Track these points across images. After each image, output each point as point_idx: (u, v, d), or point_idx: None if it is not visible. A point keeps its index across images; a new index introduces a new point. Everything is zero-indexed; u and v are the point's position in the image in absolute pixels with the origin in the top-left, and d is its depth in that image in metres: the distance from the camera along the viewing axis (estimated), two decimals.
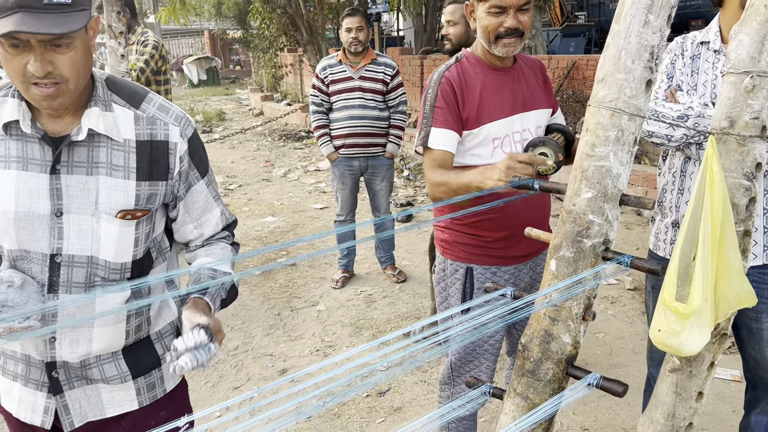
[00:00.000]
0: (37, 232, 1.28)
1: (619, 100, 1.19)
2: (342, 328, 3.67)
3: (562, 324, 1.24)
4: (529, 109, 1.96)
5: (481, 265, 2.03)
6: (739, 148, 1.46)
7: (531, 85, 2.01)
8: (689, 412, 1.60)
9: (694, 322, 1.37)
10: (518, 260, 2.04)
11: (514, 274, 2.05)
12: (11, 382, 1.40)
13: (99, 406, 1.42)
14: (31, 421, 1.39)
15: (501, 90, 1.94)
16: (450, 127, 1.89)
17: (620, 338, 3.42)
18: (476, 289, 2.04)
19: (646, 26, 1.18)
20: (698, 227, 1.35)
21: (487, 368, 2.10)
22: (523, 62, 2.04)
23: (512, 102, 1.94)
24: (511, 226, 1.95)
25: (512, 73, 1.98)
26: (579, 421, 2.71)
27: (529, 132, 1.96)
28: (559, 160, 1.81)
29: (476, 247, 2.02)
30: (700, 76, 1.99)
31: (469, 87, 1.92)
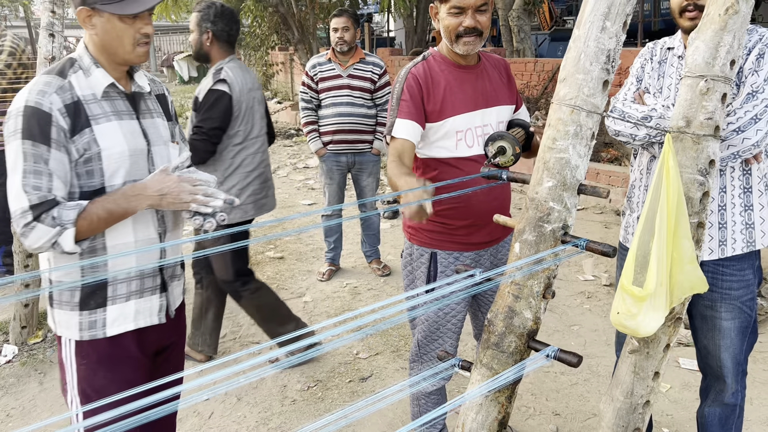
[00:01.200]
0: (140, 163, 1.72)
1: (578, 98, 1.32)
2: (327, 318, 3.79)
3: (524, 301, 1.36)
4: (491, 105, 2.10)
5: (445, 250, 2.17)
6: (695, 146, 1.59)
7: (494, 83, 2.15)
8: (646, 390, 1.72)
9: (650, 305, 1.50)
10: (479, 246, 2.18)
11: (474, 259, 2.19)
12: (124, 303, 1.72)
13: (176, 298, 1.87)
14: (150, 323, 1.78)
15: (464, 86, 2.08)
16: (412, 119, 2.03)
17: (594, 331, 3.56)
18: (439, 272, 2.18)
19: (603, 32, 1.30)
20: (655, 218, 1.48)
21: (450, 346, 2.23)
22: (487, 61, 2.17)
23: (474, 98, 2.08)
24: (474, 215, 2.11)
25: (476, 71, 2.12)
26: (551, 406, 2.84)
27: (491, 126, 2.10)
28: (516, 152, 1.96)
29: (441, 234, 2.16)
30: (665, 79, 2.12)
31: (434, 83, 2.07)
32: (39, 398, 3.00)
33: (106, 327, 1.69)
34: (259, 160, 3.04)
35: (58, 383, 3.09)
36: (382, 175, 7.56)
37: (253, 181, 3.00)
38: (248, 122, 2.96)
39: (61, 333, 1.71)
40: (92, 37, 1.67)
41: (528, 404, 2.86)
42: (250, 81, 2.98)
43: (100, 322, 1.69)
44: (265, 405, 2.88)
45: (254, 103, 2.98)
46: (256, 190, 3.03)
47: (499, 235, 2.20)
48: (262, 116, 3.08)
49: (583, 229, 5.49)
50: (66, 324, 1.69)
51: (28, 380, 3.14)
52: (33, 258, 3.35)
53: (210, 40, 2.92)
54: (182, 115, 12.27)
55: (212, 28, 2.89)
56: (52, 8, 3.22)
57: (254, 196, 3.02)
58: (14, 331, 3.42)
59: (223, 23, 2.89)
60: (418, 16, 13.07)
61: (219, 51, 2.95)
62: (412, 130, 2.03)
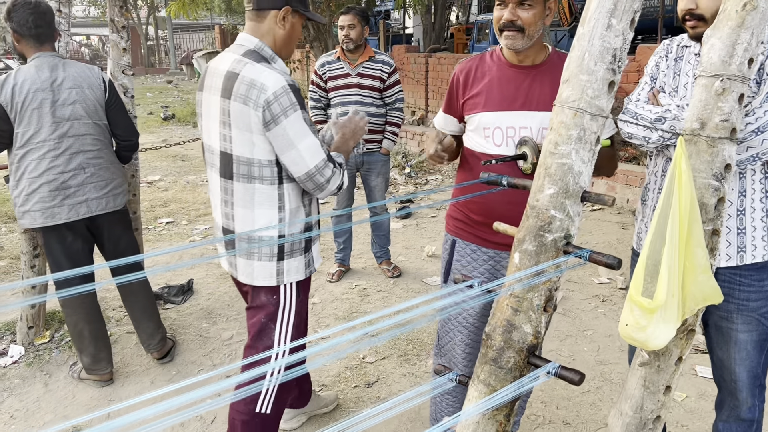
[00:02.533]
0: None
1: (581, 101, 1.24)
2: (335, 320, 3.73)
3: (523, 314, 1.29)
4: (536, 109, 1.98)
5: (464, 240, 2.18)
6: (709, 150, 1.50)
7: (554, 88, 2.00)
8: (657, 405, 1.64)
9: (660, 317, 1.42)
10: (498, 247, 2.11)
11: (494, 257, 2.12)
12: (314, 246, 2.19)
13: None
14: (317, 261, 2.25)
15: (505, 85, 2.02)
16: (448, 112, 2.21)
17: (608, 336, 3.47)
18: (455, 260, 2.20)
19: (609, 30, 1.22)
20: (666, 225, 1.40)
21: (460, 341, 2.19)
22: (560, 63, 1.97)
23: (513, 98, 1.99)
24: (487, 214, 2.06)
25: (531, 72, 2.01)
26: (561, 415, 2.76)
27: (530, 130, 1.99)
28: (534, 162, 1.89)
29: (462, 223, 2.18)
30: (681, 78, 2.03)
31: (477, 76, 2.08)
32: (43, 400, 2.98)
33: (314, 264, 2.20)
34: (47, 166, 2.76)
35: (63, 384, 3.08)
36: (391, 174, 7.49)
37: (39, 187, 2.76)
38: (30, 124, 2.72)
39: (287, 280, 2.11)
40: (278, 32, 2.05)
41: (537, 413, 2.78)
42: (42, 81, 2.72)
43: (312, 261, 2.19)
44: None
45: (42, 104, 2.72)
46: (44, 197, 2.77)
47: None
48: (64, 119, 2.77)
49: (599, 230, 5.38)
50: (295, 269, 2.12)
51: (33, 381, 3.12)
52: (40, 258, 3.33)
53: (16, 39, 2.79)
54: None
55: (12, 26, 2.76)
56: (59, 7, 3.20)
57: (42, 203, 2.77)
58: (21, 331, 3.42)
59: (18, 19, 2.73)
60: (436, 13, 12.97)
61: (28, 48, 2.80)
62: (445, 122, 2.23)
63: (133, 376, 3.19)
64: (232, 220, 2.09)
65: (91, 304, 3.00)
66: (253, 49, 2.02)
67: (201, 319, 3.80)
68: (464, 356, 2.21)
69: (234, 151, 2.01)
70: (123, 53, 3.39)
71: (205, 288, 4.27)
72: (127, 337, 3.55)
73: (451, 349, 2.23)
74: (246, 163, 2.00)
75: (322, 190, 2.02)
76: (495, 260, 2.12)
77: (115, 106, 2.92)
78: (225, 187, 2.08)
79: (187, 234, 5.50)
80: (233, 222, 2.09)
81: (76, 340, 3.02)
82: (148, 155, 8.90)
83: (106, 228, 2.96)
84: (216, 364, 3.28)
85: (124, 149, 3.01)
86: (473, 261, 2.15)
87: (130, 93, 3.43)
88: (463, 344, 2.20)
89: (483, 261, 2.13)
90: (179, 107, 14.53)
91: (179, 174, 8.06)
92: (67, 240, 2.85)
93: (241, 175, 2.02)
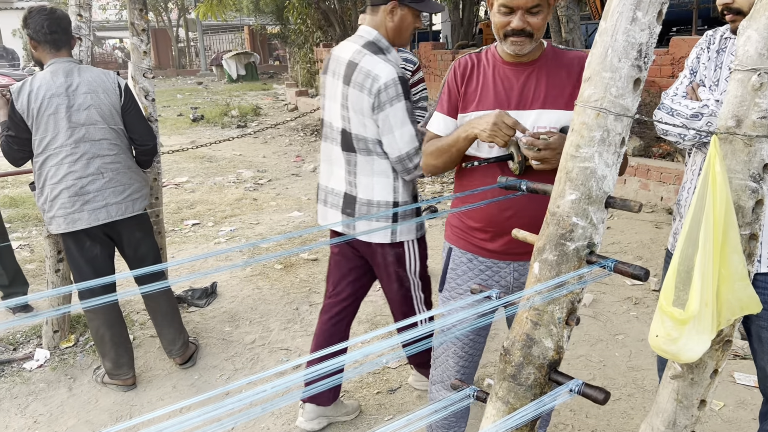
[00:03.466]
0: None
1: (604, 100, 1.16)
2: (358, 324, 3.68)
3: (544, 328, 1.21)
4: (531, 107, 1.89)
5: (460, 248, 2.07)
6: (746, 149, 1.40)
7: (550, 84, 1.91)
8: (691, 420, 1.55)
9: (693, 328, 1.33)
10: (496, 256, 2.00)
11: (491, 267, 2.01)
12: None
13: None
14: None
15: (500, 83, 1.91)
16: (446, 113, 2.01)
17: (641, 340, 3.35)
18: (450, 269, 2.10)
19: (634, 23, 1.14)
20: (699, 229, 1.31)
21: (454, 353, 2.12)
22: (556, 59, 1.94)
23: (507, 97, 1.90)
24: (485, 221, 1.95)
25: (526, 69, 1.92)
26: (591, 424, 2.66)
27: None
28: (520, 161, 1.82)
29: (459, 230, 2.07)
30: (722, 71, 1.92)
31: (473, 74, 1.96)
32: (67, 404, 2.99)
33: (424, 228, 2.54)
34: (66, 171, 2.77)
35: (86, 388, 3.08)
36: None
37: (60, 193, 2.79)
38: (47, 130, 2.74)
39: (403, 239, 2.42)
40: (388, 24, 2.30)
41: (566, 421, 2.69)
42: (57, 86, 2.73)
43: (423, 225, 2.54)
44: (289, 416, 2.79)
45: (58, 110, 2.72)
46: (65, 203, 2.79)
47: (524, 250, 1.98)
48: (80, 124, 2.77)
49: (631, 230, 5.23)
50: (407, 231, 2.41)
51: (58, 385, 3.14)
52: (64, 263, 3.35)
53: (33, 45, 2.80)
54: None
55: (28, 32, 2.75)
56: (79, 12, 3.20)
57: (63, 209, 2.79)
58: (47, 335, 3.44)
59: (33, 25, 2.73)
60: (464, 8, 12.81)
61: (44, 54, 2.80)
62: (444, 124, 2.01)
63: (155, 380, 3.18)
64: (355, 187, 2.38)
65: (112, 310, 2.99)
66: (371, 40, 2.30)
67: (224, 323, 3.78)
68: (457, 369, 2.14)
69: (352, 130, 2.32)
70: (143, 56, 3.38)
71: (229, 291, 4.25)
72: (150, 340, 3.54)
73: (444, 361, 2.16)
74: (363, 140, 2.30)
75: (408, 173, 2.30)
76: (492, 270, 2.01)
77: (131, 110, 2.90)
78: (348, 159, 2.38)
79: (212, 236, 5.51)
80: (356, 189, 2.38)
81: (99, 345, 3.02)
82: (176, 156, 8.97)
83: (126, 233, 2.95)
84: (238, 369, 3.25)
85: (141, 154, 2.99)
86: (469, 270, 2.04)
87: (151, 96, 3.42)
88: (456, 357, 2.12)
89: (479, 271, 2.02)
90: (208, 108, 14.66)
91: (206, 175, 8.10)
92: (85, 245, 2.85)
93: (360, 149, 2.32)
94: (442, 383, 2.18)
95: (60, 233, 2.85)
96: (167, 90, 20.79)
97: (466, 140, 1.88)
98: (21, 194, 7.01)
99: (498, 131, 1.78)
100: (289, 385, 1.00)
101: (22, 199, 6.78)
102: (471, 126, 1.85)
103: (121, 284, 4.02)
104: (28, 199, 6.72)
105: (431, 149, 2.00)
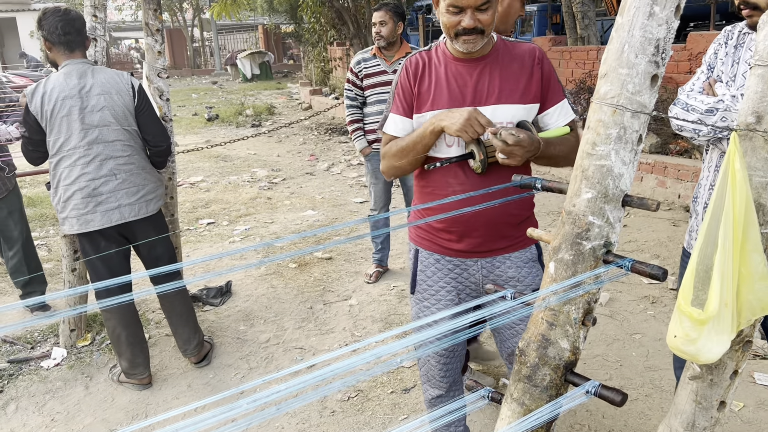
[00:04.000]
0: None
1: (621, 97, 1.14)
2: (372, 323, 3.67)
3: (560, 329, 1.19)
4: (487, 103, 1.86)
5: (426, 249, 2.04)
6: (766, 145, 1.37)
7: (503, 79, 1.89)
8: (710, 421, 1.52)
9: (712, 329, 1.31)
10: (463, 255, 1.97)
11: (459, 266, 1.99)
12: None
13: None
14: None
15: (453, 80, 1.88)
16: (402, 114, 1.95)
17: (658, 340, 3.30)
18: (419, 271, 2.06)
19: (651, 18, 1.12)
20: (719, 228, 1.28)
21: (434, 353, 2.09)
22: (507, 52, 1.91)
23: (462, 94, 1.86)
24: (449, 220, 1.91)
25: (479, 65, 1.89)
26: (608, 425, 2.63)
27: None
28: (482, 159, 1.80)
29: (423, 231, 2.04)
30: (740, 66, 1.89)
31: (424, 73, 1.92)
32: (84, 402, 3.01)
33: None
34: (79, 173, 2.79)
35: (103, 387, 3.10)
36: None
37: (73, 195, 2.80)
38: (60, 132, 2.75)
39: None
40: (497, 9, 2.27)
41: (582, 421, 2.66)
42: (70, 88, 2.74)
43: None
44: (303, 416, 2.79)
45: (71, 111, 2.73)
46: (78, 205, 2.81)
47: (489, 248, 1.96)
48: (93, 126, 2.78)
49: (648, 227, 5.17)
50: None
51: (75, 384, 3.16)
52: (80, 263, 3.37)
53: (48, 47, 2.80)
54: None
55: (43, 34, 2.77)
56: (94, 12, 3.22)
57: (76, 210, 2.81)
58: (63, 334, 3.47)
59: (48, 27, 2.74)
60: None
61: (59, 55, 2.81)
62: (401, 125, 1.95)
63: (171, 379, 3.19)
64: None
65: (128, 310, 3.01)
66: None
67: (238, 322, 3.79)
68: (440, 368, 2.12)
69: None
70: (158, 56, 3.39)
71: (243, 290, 4.26)
72: (165, 339, 3.56)
73: (426, 361, 2.13)
74: None
75: None
76: (461, 268, 1.99)
77: (144, 111, 2.91)
78: None
79: (227, 235, 5.53)
80: None
81: (114, 344, 3.04)
82: (191, 156, 9.02)
83: (140, 234, 2.97)
84: (253, 367, 3.26)
85: (155, 155, 3.00)
86: (438, 271, 2.02)
87: (165, 96, 3.44)
88: (437, 356, 2.10)
89: (448, 270, 2.00)
90: (223, 108, 14.72)
91: (221, 174, 8.14)
92: (100, 246, 2.87)
93: None
94: (429, 383, 2.17)
95: (75, 234, 2.87)
96: (182, 90, 20.91)
97: (433, 134, 1.83)
98: (38, 194, 7.08)
99: (469, 128, 1.75)
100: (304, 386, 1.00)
101: (39, 199, 6.85)
102: (438, 119, 1.81)
103: (136, 284, 4.05)
104: (45, 199, 6.79)
105: (393, 150, 1.94)
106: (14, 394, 3.08)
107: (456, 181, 1.90)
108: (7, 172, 3.77)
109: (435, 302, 2.04)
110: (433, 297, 2.05)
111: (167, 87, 3.48)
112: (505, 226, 1.95)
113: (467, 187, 1.87)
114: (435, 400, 2.19)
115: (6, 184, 3.77)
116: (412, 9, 15.31)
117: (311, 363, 1.19)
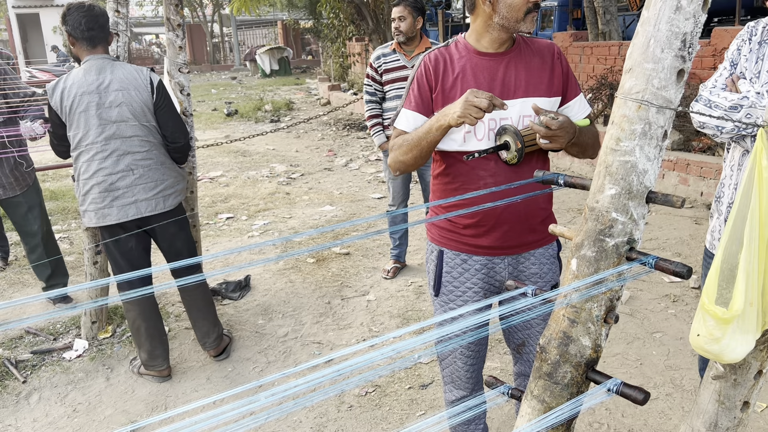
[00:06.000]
0: None
1: (646, 92, 1.12)
2: (390, 318, 3.67)
3: (581, 326, 1.18)
4: (514, 96, 1.85)
5: (452, 249, 2.00)
6: None
7: (528, 72, 1.89)
8: (733, 422, 1.51)
9: (737, 328, 1.29)
10: (490, 251, 1.95)
11: (486, 265, 1.97)
12: None
13: None
14: None
15: (479, 74, 1.87)
16: (417, 110, 1.92)
17: (679, 339, 3.27)
18: (444, 272, 2.02)
19: (678, 12, 1.10)
20: (744, 226, 1.26)
21: (460, 354, 2.08)
22: (527, 47, 1.92)
23: (489, 87, 1.85)
24: (479, 214, 1.88)
25: (503, 59, 1.88)
26: (628, 424, 2.61)
27: (511, 120, 1.86)
28: (519, 148, 1.78)
29: (448, 231, 2.00)
30: (764, 62, 1.85)
31: (447, 69, 1.90)
32: (105, 394, 3.05)
33: None
34: (96, 168, 2.82)
35: (123, 379, 3.14)
36: None
37: (91, 189, 2.85)
38: (79, 127, 2.79)
39: None
40: None
41: (601, 420, 2.64)
42: (88, 84, 2.77)
43: None
44: (321, 410, 2.80)
45: (89, 107, 2.76)
46: (95, 199, 2.85)
47: (518, 242, 1.95)
48: (111, 121, 2.80)
49: (670, 225, 5.11)
50: None
51: (96, 375, 3.20)
52: (101, 255, 3.41)
53: (71, 42, 2.83)
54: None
55: (67, 29, 2.78)
56: (116, 8, 3.25)
57: (94, 204, 2.86)
58: (85, 326, 3.51)
59: (72, 22, 2.76)
60: None
61: (81, 50, 2.83)
62: (414, 121, 1.91)
63: (190, 371, 3.22)
64: None
65: (147, 302, 3.04)
66: None
67: (257, 315, 3.81)
68: (466, 369, 2.09)
69: None
70: (179, 51, 3.42)
71: (262, 284, 4.29)
72: (185, 332, 3.59)
73: (452, 362, 2.11)
74: None
75: None
76: (488, 267, 1.97)
77: (163, 107, 2.93)
78: None
79: (246, 229, 5.56)
80: None
81: (135, 336, 3.08)
82: (210, 151, 9.08)
83: (160, 228, 2.99)
84: (271, 361, 3.28)
85: (173, 151, 3.01)
86: (465, 272, 1.98)
87: (186, 91, 3.46)
88: (464, 357, 2.07)
89: (475, 270, 1.97)
90: (242, 103, 14.80)
91: (240, 169, 8.19)
92: (121, 239, 2.90)
93: None
94: (453, 384, 2.14)
95: (95, 227, 2.92)
96: (202, 85, 21.06)
97: (439, 130, 1.79)
98: (61, 187, 7.17)
99: (468, 109, 1.69)
100: (322, 380, 1.00)
101: (62, 192, 6.95)
102: (442, 114, 1.78)
103: (157, 277, 4.09)
104: (68, 192, 6.88)
105: (400, 144, 1.91)
106: (37, 385, 3.13)
107: (487, 173, 1.88)
108: (25, 167, 3.82)
109: (461, 303, 2.01)
110: (459, 298, 2.02)
111: (188, 82, 3.50)
112: (534, 219, 1.95)
113: (500, 178, 1.86)
114: (457, 402, 2.16)
115: (26, 179, 3.83)
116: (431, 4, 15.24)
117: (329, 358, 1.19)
